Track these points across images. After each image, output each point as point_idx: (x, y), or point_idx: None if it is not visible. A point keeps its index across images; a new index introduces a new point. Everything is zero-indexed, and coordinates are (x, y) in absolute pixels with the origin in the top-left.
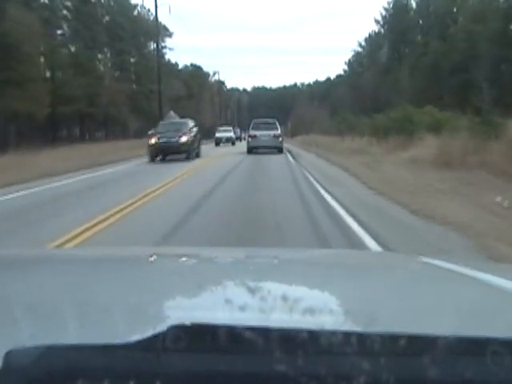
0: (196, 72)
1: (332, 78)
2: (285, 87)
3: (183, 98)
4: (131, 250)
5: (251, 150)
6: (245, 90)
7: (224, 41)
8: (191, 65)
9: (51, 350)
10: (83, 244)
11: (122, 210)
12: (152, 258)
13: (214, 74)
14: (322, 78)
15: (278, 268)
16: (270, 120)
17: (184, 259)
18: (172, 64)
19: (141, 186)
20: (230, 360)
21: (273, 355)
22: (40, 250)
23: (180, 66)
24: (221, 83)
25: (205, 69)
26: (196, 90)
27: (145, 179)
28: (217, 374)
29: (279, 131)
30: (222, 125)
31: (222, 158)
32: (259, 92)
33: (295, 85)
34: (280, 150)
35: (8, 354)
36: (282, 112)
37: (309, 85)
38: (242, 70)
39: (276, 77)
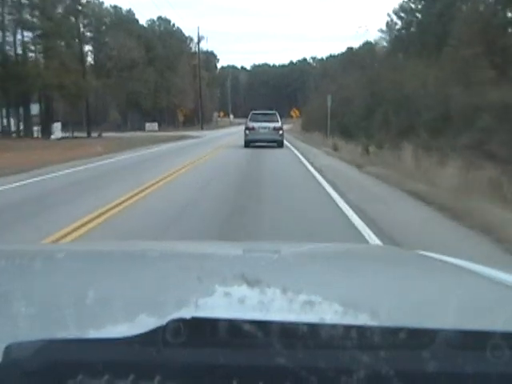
0: (167, 31)
1: (355, 48)
2: (292, 63)
3: (138, 63)
4: (130, 244)
5: (249, 144)
6: (243, 69)
7: (217, 26)
8: (160, 19)
9: (51, 344)
10: None
11: None
12: (151, 252)
13: (200, 40)
14: (336, 51)
15: (278, 262)
16: (270, 111)
17: (184, 253)
18: (119, 11)
19: None
20: (230, 353)
21: (272, 348)
22: (38, 245)
23: (145, 22)
24: (212, 56)
25: (186, 33)
26: (163, 54)
27: None
28: (217, 367)
29: (279, 123)
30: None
31: None
32: (260, 70)
33: (304, 60)
34: (280, 144)
35: (7, 348)
36: (289, 94)
37: (321, 60)
38: (240, 51)
39: (279, 55)
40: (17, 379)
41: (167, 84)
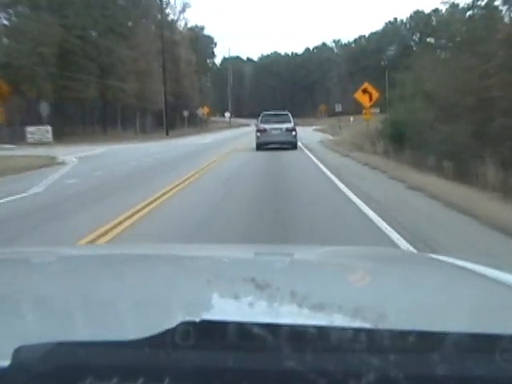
0: None
1: (395, 22)
2: (308, 51)
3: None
4: (140, 247)
5: (260, 147)
6: (250, 60)
7: (217, 21)
8: None
9: (60, 347)
10: None
11: None
12: (161, 255)
13: (184, 8)
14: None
15: (288, 265)
16: (282, 112)
17: (194, 256)
18: None
19: None
20: (239, 356)
21: (282, 352)
22: (48, 248)
23: None
24: (208, 38)
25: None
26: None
27: None
28: (226, 370)
29: (292, 124)
30: None
31: None
32: (270, 61)
33: (324, 45)
34: (293, 146)
35: (17, 351)
36: (306, 88)
37: (345, 45)
38: (244, 41)
39: (292, 42)
40: (26, 382)
41: (105, 59)
